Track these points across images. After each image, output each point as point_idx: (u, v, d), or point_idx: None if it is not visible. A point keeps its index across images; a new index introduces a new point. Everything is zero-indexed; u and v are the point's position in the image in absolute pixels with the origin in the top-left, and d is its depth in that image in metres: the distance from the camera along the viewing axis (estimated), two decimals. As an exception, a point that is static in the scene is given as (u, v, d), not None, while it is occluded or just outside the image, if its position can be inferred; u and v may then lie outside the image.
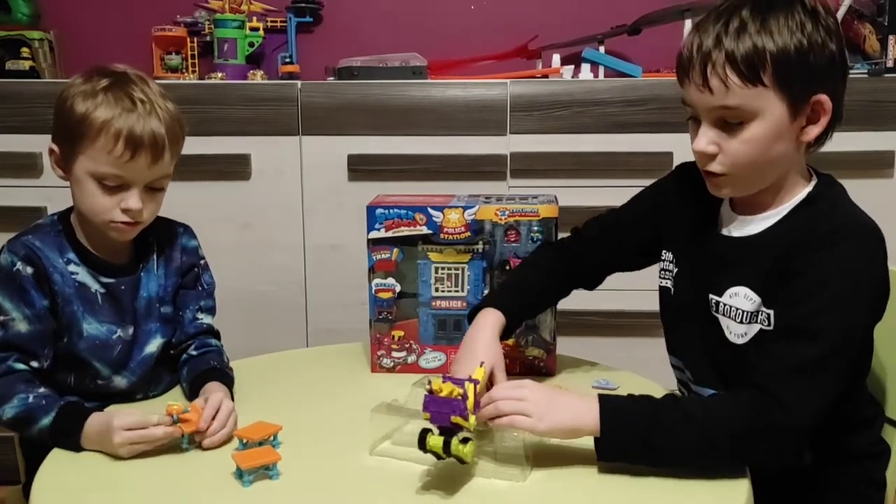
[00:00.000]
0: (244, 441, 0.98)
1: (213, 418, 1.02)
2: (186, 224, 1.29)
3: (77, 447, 1.01)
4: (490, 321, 1.11)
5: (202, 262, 1.28)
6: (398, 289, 1.29)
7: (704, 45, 0.96)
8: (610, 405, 0.93)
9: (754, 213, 1.05)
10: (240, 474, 0.92)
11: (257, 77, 2.17)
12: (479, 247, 1.27)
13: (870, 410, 1.11)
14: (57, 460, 1.00)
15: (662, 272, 1.17)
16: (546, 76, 2.13)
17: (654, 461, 0.92)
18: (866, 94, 1.91)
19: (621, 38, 2.23)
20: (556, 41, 2.25)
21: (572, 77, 2.11)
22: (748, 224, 1.05)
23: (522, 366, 1.27)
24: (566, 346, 1.33)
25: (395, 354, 1.30)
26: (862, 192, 1.89)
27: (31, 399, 1.05)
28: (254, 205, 2.01)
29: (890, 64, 2.04)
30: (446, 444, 0.88)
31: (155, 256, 1.23)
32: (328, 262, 2.02)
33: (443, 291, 1.28)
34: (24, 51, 2.14)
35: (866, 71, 1.95)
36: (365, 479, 0.94)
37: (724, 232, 1.08)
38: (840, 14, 2.12)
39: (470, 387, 0.90)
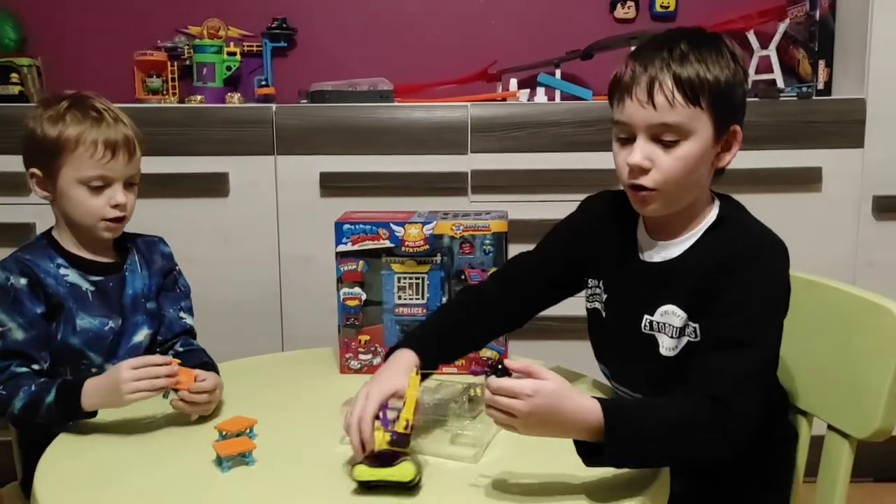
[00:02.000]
0: (223, 433, 1.06)
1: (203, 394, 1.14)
2: (159, 235, 1.40)
3: (80, 412, 1.11)
4: (404, 358, 1.10)
5: (177, 267, 1.39)
6: (364, 297, 1.37)
7: (650, 67, 1.02)
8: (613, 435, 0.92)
9: (670, 237, 1.11)
10: (219, 461, 1.00)
11: (234, 99, 2.22)
12: (437, 258, 1.35)
13: (781, 400, 1.20)
14: (56, 452, 1.07)
15: (591, 297, 1.21)
16: (504, 99, 2.21)
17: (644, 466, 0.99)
18: (796, 115, 2.04)
19: (575, 63, 2.32)
20: (513, 66, 2.34)
21: (528, 100, 2.19)
22: (667, 248, 1.11)
23: (478, 365, 1.34)
24: (521, 348, 1.42)
25: (361, 357, 1.38)
26: (793, 204, 2.08)
27: (33, 387, 1.14)
28: (232, 220, 2.06)
29: (820, 86, 2.18)
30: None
31: (136, 259, 1.33)
32: (302, 273, 2.06)
33: (405, 299, 1.37)
34: (14, 76, 2.19)
35: (795, 94, 2.08)
36: (334, 464, 1.01)
37: (645, 258, 1.13)
38: (776, 39, 2.28)
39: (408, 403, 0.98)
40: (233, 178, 2.06)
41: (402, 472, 0.93)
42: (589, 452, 0.94)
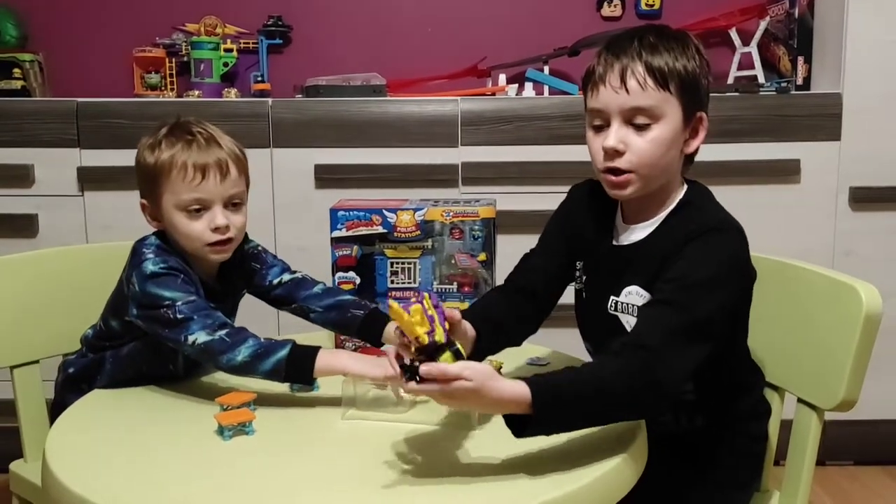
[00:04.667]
0: (225, 406, 1.10)
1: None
2: (251, 242, 1.37)
3: (307, 375, 1.13)
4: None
5: (256, 250, 1.37)
6: (358, 281, 1.41)
7: (622, 56, 1.09)
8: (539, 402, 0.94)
9: (640, 221, 1.16)
10: (220, 430, 1.04)
11: (231, 94, 2.26)
12: (429, 244, 1.40)
13: (751, 377, 1.25)
14: (65, 425, 1.11)
15: (577, 279, 1.27)
16: (493, 94, 2.24)
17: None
18: (775, 108, 2.09)
19: (562, 59, 2.37)
20: (502, 62, 2.38)
21: (516, 95, 2.24)
22: (635, 231, 1.16)
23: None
24: None
25: (355, 339, 1.40)
26: (772, 196, 2.14)
27: (262, 340, 1.15)
28: None
29: (800, 82, 2.24)
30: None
31: (234, 287, 1.34)
32: (297, 262, 1.99)
33: (397, 283, 1.41)
34: (16, 71, 2.24)
35: (774, 89, 2.13)
36: (330, 432, 1.06)
37: (616, 242, 1.19)
38: (757, 36, 2.34)
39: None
40: (230, 170, 2.11)
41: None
42: (518, 425, 0.95)
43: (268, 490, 0.92)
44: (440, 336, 0.94)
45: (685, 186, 1.18)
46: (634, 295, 1.14)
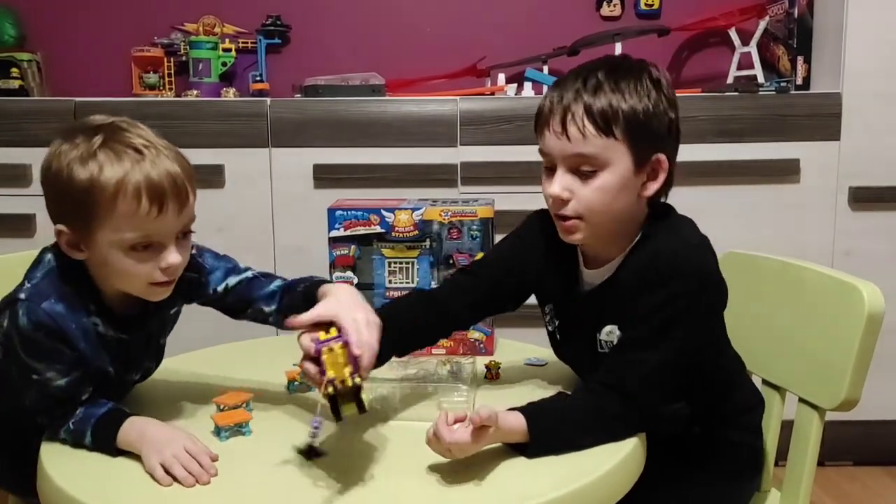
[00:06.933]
0: (221, 406, 1.10)
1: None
2: (201, 255, 1.18)
3: (113, 453, 0.99)
4: None
5: (196, 257, 1.14)
6: (356, 281, 1.40)
7: (565, 98, 1.03)
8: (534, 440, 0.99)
9: (601, 265, 1.12)
10: (217, 431, 1.04)
11: (230, 94, 2.26)
12: (427, 244, 1.39)
13: (735, 367, 1.22)
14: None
15: (548, 320, 1.22)
16: (492, 93, 2.24)
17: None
18: (774, 108, 2.08)
19: (562, 59, 2.37)
20: (502, 62, 2.39)
21: (515, 94, 2.24)
22: (600, 274, 1.13)
23: (465, 346, 1.40)
24: (508, 333, 1.47)
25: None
26: (772, 195, 2.14)
27: (71, 426, 1.01)
28: (228, 211, 2.09)
29: (799, 82, 2.24)
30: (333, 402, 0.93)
31: (169, 311, 1.16)
32: (295, 262, 2.08)
33: (395, 283, 1.40)
34: (14, 71, 2.24)
35: (774, 89, 2.13)
36: (328, 433, 1.02)
37: (584, 289, 1.15)
38: (756, 36, 2.34)
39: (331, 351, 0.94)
40: (228, 169, 2.09)
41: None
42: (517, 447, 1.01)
43: (265, 490, 0.92)
44: (359, 380, 0.93)
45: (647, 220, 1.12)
46: (613, 333, 1.12)
